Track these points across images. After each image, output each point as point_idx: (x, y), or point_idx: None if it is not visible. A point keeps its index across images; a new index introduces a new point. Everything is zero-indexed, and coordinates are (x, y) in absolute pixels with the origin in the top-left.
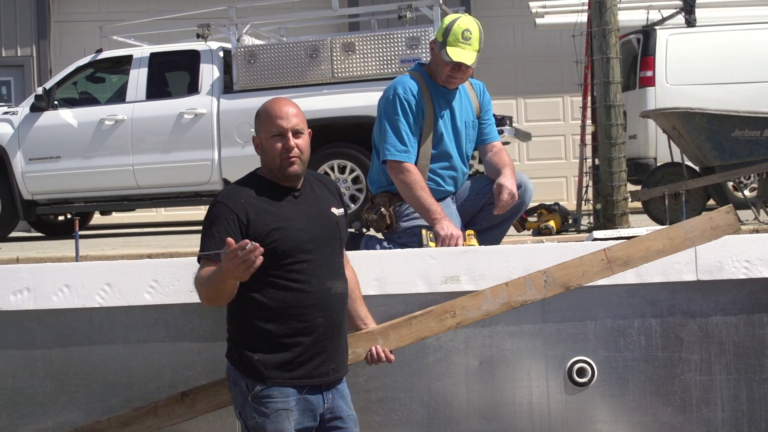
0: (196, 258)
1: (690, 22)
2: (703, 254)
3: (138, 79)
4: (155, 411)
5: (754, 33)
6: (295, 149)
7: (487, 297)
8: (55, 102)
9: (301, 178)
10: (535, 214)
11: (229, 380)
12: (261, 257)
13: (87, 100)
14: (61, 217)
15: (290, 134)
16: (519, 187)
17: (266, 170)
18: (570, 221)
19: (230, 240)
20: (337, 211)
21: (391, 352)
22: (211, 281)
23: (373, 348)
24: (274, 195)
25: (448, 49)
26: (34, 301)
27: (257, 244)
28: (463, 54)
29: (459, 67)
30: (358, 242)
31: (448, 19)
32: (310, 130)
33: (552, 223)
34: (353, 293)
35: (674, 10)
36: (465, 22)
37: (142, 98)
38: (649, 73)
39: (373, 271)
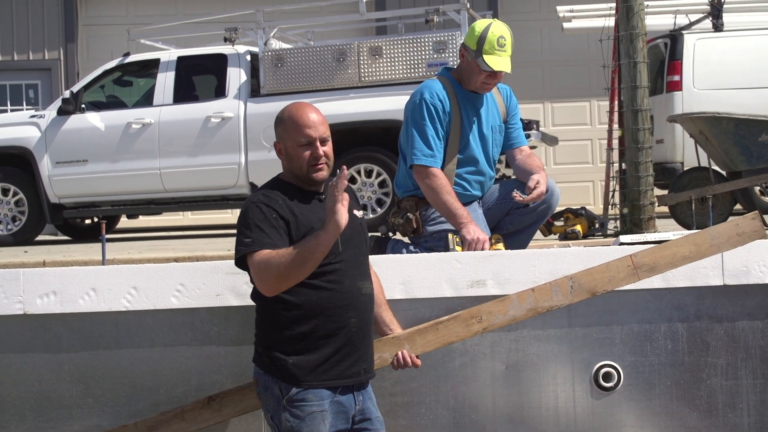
0: (238, 257)
1: (717, 27)
2: (730, 259)
3: (165, 82)
4: (182, 415)
5: None
6: (323, 157)
7: (513, 302)
8: (83, 105)
9: (323, 182)
10: (562, 219)
11: (259, 385)
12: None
13: (114, 103)
14: (87, 221)
15: (318, 143)
16: (546, 191)
17: (290, 175)
18: (597, 226)
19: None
20: (359, 213)
21: (417, 356)
22: (310, 245)
23: (400, 353)
24: (302, 199)
25: (486, 57)
26: (60, 304)
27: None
28: (500, 62)
29: (494, 74)
30: (384, 246)
31: (479, 26)
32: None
33: (578, 228)
34: (378, 298)
35: (702, 15)
36: (498, 29)
37: (169, 102)
38: (677, 78)
39: (400, 275)
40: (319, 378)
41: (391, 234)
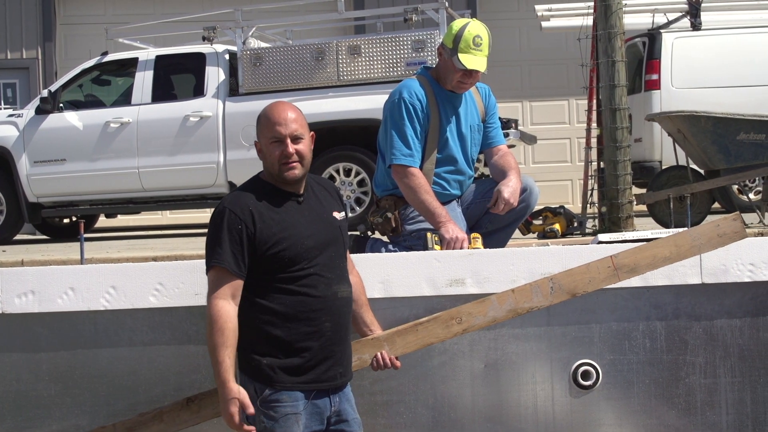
0: (204, 263)
1: (695, 26)
2: (708, 257)
3: (143, 81)
4: (160, 417)
5: (760, 36)
6: (294, 155)
7: (493, 304)
8: (61, 104)
9: (302, 183)
10: (541, 217)
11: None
12: None
13: (92, 102)
14: (66, 220)
15: (289, 140)
16: (524, 190)
17: (268, 175)
18: (575, 224)
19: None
20: (339, 215)
21: (396, 357)
22: (212, 354)
23: (379, 354)
24: (279, 200)
25: (461, 56)
26: (38, 303)
27: None
28: (475, 61)
29: (470, 73)
30: (363, 245)
31: (457, 25)
32: (312, 132)
33: (557, 226)
34: (359, 299)
35: (680, 14)
36: (475, 28)
37: (147, 101)
38: (655, 77)
39: (379, 274)
40: (294, 380)
41: (370, 233)
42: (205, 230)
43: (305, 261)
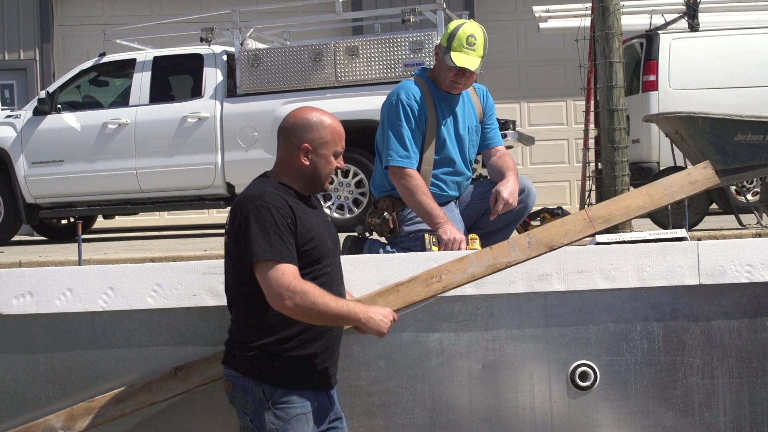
0: (255, 261)
1: (693, 27)
2: (706, 258)
3: (141, 82)
4: (149, 386)
5: (758, 37)
6: None
7: (472, 260)
8: (59, 105)
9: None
10: (538, 219)
11: (234, 389)
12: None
13: (90, 103)
14: (63, 221)
15: None
16: (522, 191)
17: (292, 178)
18: None
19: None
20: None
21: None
22: (333, 317)
23: None
24: (299, 202)
25: (452, 54)
26: (36, 305)
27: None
28: (466, 59)
29: (463, 72)
30: (361, 246)
31: (453, 25)
32: None
33: None
34: None
35: (677, 15)
36: (470, 28)
37: (145, 102)
38: (652, 78)
39: (376, 275)
40: (303, 380)
41: (368, 234)
42: (204, 231)
43: (326, 260)
